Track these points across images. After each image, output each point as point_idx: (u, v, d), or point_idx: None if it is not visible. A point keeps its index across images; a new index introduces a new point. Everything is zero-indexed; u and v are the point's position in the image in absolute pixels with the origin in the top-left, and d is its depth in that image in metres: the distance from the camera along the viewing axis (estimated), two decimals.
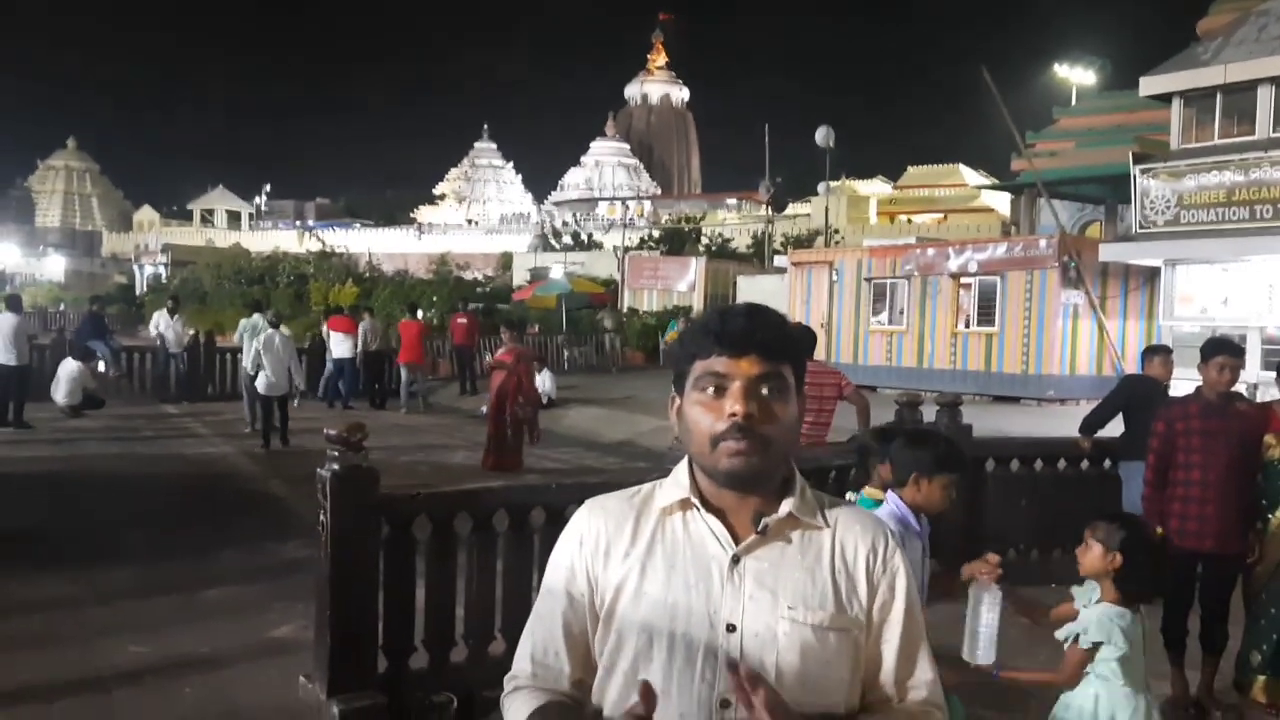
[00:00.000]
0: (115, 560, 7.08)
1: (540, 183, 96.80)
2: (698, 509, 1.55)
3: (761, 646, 1.48)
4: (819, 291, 21.40)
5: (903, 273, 20.14)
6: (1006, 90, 20.72)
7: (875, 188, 61.83)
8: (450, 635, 4.82)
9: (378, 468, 4.69)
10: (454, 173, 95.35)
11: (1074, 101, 28.84)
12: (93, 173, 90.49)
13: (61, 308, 40.99)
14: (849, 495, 3.74)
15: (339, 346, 16.73)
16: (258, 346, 12.54)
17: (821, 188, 32.92)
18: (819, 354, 10.24)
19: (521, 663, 1.60)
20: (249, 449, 12.31)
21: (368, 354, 17.37)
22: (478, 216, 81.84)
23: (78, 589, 6.40)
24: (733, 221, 55.20)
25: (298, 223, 72.20)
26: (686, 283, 30.63)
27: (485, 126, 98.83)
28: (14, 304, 14.38)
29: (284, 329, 13.97)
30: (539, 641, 1.59)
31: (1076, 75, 30.51)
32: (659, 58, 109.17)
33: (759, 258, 34.59)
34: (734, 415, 1.47)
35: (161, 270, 48.51)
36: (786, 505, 1.54)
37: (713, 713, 1.47)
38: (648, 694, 1.35)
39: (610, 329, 26.38)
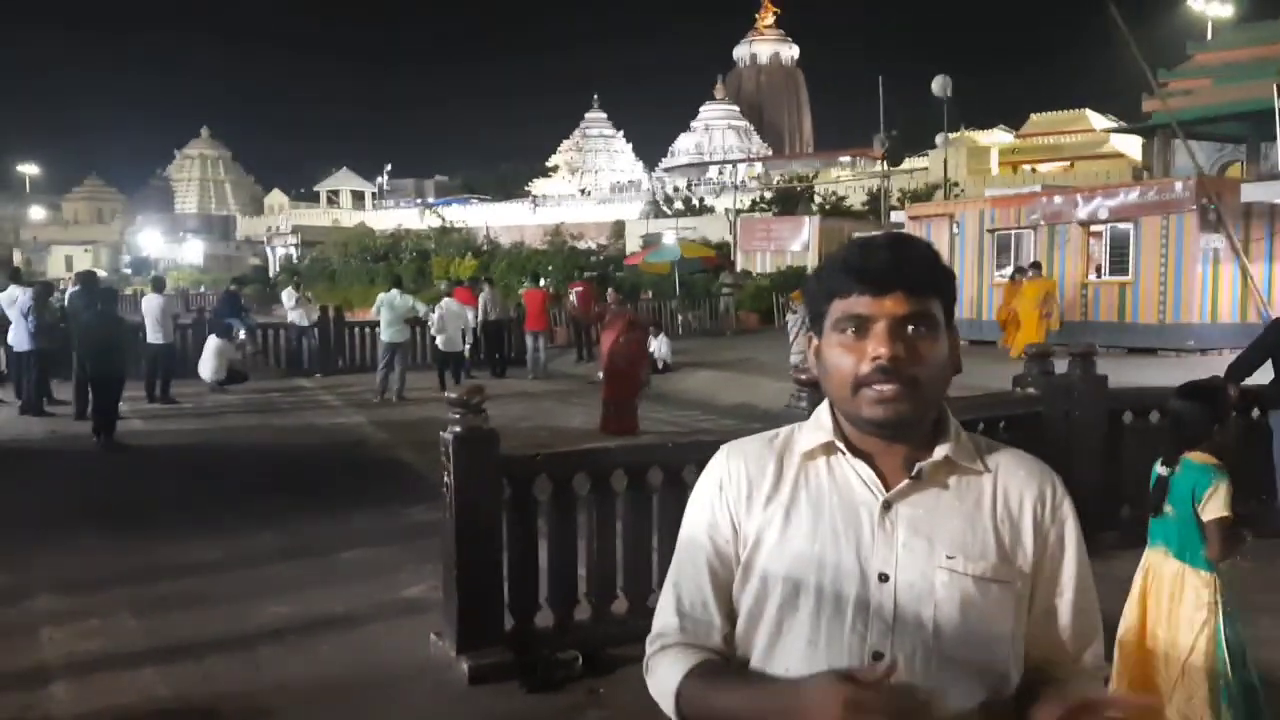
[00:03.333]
0: (257, 525, 7.40)
1: (651, 150, 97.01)
2: (843, 453, 1.46)
3: (918, 598, 1.38)
4: (939, 245, 20.65)
5: (1028, 223, 19.39)
6: (1135, 28, 19.67)
7: (996, 137, 59.48)
8: (573, 594, 4.89)
9: (499, 432, 4.77)
10: (566, 144, 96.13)
11: (1209, 36, 27.18)
12: (225, 159, 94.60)
13: (202, 289, 42.97)
14: (1157, 467, 3.60)
15: None
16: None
17: (939, 139, 31.93)
18: None
19: (666, 619, 1.50)
20: (379, 418, 12.72)
21: (488, 323, 17.76)
22: (590, 186, 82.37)
23: (224, 552, 6.70)
24: (846, 179, 54.09)
25: (418, 200, 73.97)
26: (800, 243, 30.21)
27: (595, 96, 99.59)
28: (159, 285, 15.25)
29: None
30: (686, 594, 1.49)
31: (1212, 9, 28.72)
32: (767, 16, 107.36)
33: (875, 214, 33.82)
34: (878, 358, 1.37)
35: (292, 251, 50.33)
36: (942, 449, 1.43)
37: (864, 665, 1.37)
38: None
39: (729, 289, 26.15)
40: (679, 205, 48.87)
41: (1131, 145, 41.00)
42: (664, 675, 1.45)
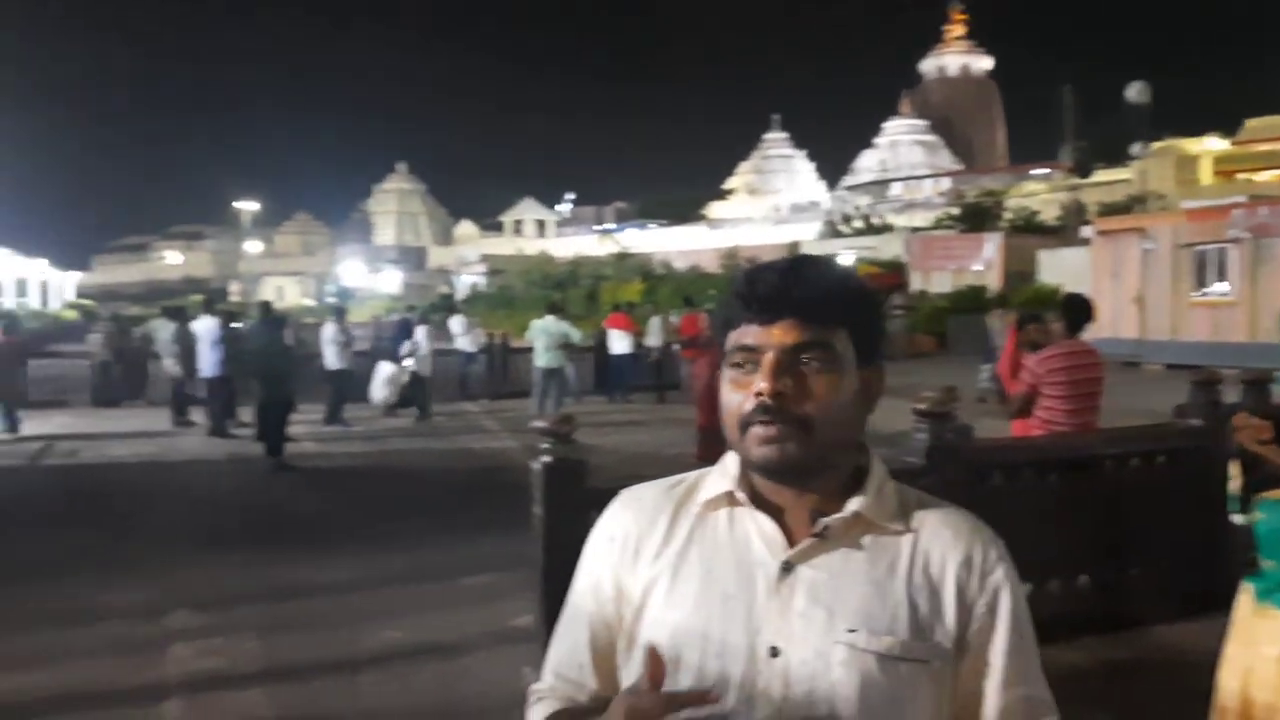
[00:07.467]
0: (391, 547, 7.62)
1: (833, 169, 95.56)
2: (744, 504, 1.29)
3: (811, 676, 1.20)
4: (1128, 262, 19.44)
5: (1230, 236, 17.85)
6: None
7: (1209, 145, 55.41)
8: None
9: (646, 460, 4.71)
10: (744, 166, 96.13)
11: None
12: (420, 193, 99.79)
13: (394, 317, 45.21)
14: (1234, 517, 3.21)
15: (618, 343, 17.22)
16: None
17: (1136, 148, 29.99)
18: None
19: (545, 676, 1.41)
20: (533, 443, 12.89)
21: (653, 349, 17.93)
22: (769, 208, 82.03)
23: (354, 574, 6.91)
24: (1041, 193, 51.57)
25: (597, 227, 75.63)
26: (982, 261, 28.94)
27: (776, 116, 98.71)
28: (336, 314, 16.01)
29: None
30: (563, 653, 1.39)
31: None
32: (956, 27, 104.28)
33: (1070, 230, 32.10)
34: (760, 393, 1.21)
35: (479, 279, 52.41)
36: (854, 503, 1.25)
37: None
38: (656, 662, 1.14)
39: (900, 310, 25.35)
40: (858, 224, 47.89)
41: None
42: None
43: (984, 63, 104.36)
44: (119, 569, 7.04)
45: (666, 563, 1.30)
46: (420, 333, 15.95)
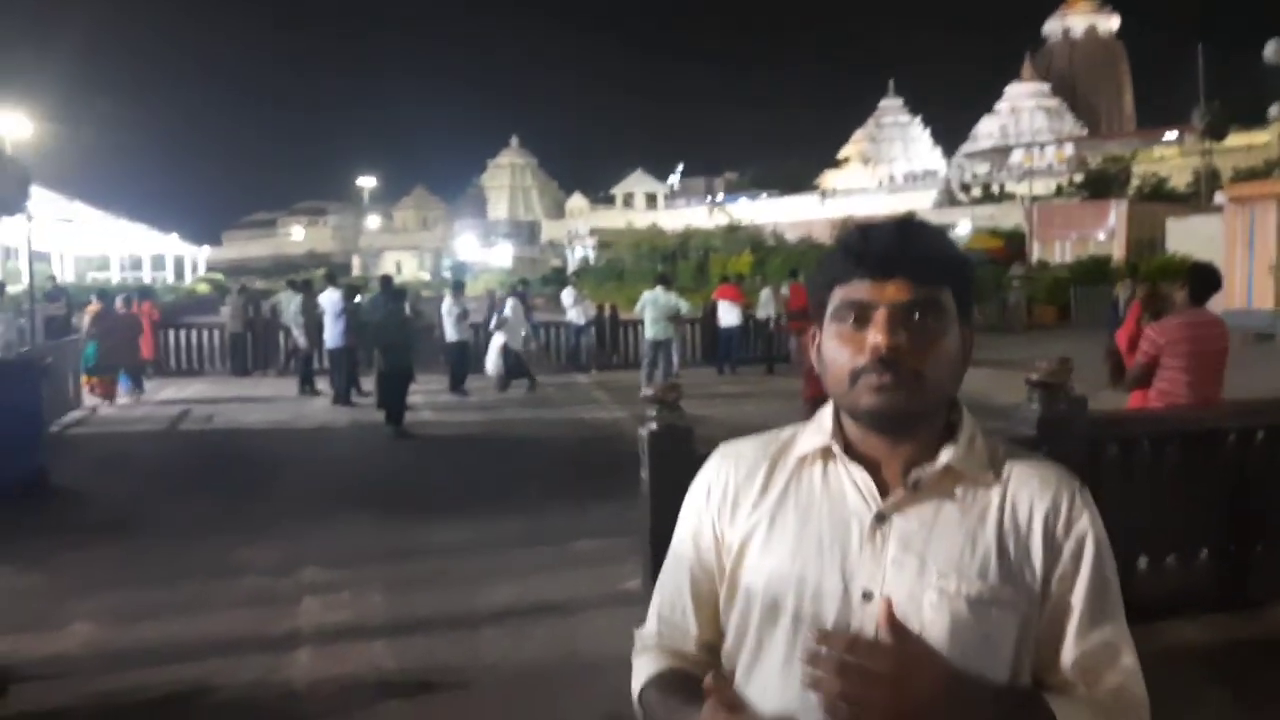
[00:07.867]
0: (507, 511, 7.89)
1: (951, 136, 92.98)
2: (839, 458, 1.36)
3: (904, 618, 1.26)
4: (1264, 230, 18.47)
5: None
6: None
7: None
8: None
9: (752, 431, 4.76)
10: (859, 134, 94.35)
11: None
12: (532, 167, 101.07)
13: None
14: None
15: (727, 315, 17.25)
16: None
17: (1275, 110, 28.38)
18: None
19: (649, 621, 1.51)
20: (642, 413, 13.07)
21: (760, 321, 17.91)
22: (884, 176, 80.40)
23: (473, 536, 7.21)
24: (1171, 159, 49.23)
25: (708, 198, 75.34)
26: (1105, 230, 27.85)
27: (891, 83, 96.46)
28: (457, 289, 16.51)
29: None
30: (666, 598, 1.49)
31: None
32: None
33: (1198, 196, 30.59)
34: (876, 348, 1.26)
35: (589, 252, 52.84)
36: (945, 455, 1.31)
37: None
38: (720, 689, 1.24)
39: (1019, 281, 24.61)
40: (976, 192, 46.60)
41: None
42: (635, 677, 1.47)
43: (1111, 22, 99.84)
44: (253, 528, 7.48)
45: (764, 512, 1.37)
46: (508, 306, 16.11)
